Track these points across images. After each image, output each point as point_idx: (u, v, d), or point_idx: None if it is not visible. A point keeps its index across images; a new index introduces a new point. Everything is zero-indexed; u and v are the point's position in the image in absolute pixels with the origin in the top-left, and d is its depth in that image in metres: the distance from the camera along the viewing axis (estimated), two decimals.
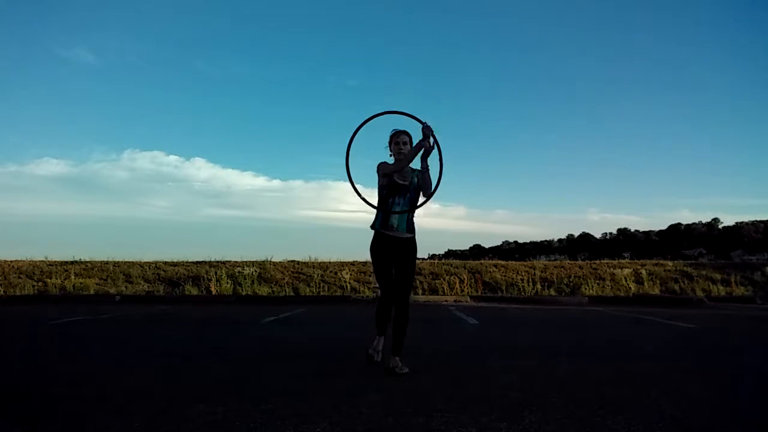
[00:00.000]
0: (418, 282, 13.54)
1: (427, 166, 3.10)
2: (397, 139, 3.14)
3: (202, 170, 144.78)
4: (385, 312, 3.21)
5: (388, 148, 3.22)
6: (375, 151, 3.30)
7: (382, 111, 3.28)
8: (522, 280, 13.18)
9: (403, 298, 3.07)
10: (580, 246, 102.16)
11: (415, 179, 3.16)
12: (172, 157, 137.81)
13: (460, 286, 12.76)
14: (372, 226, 3.15)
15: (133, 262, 15.55)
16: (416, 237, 3.21)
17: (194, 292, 12.58)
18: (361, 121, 3.25)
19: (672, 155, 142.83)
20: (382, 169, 3.18)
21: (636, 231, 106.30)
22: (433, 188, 3.16)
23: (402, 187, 3.12)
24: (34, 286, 13.38)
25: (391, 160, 3.21)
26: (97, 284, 13.47)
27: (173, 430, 1.96)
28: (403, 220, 3.10)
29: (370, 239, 3.18)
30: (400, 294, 3.07)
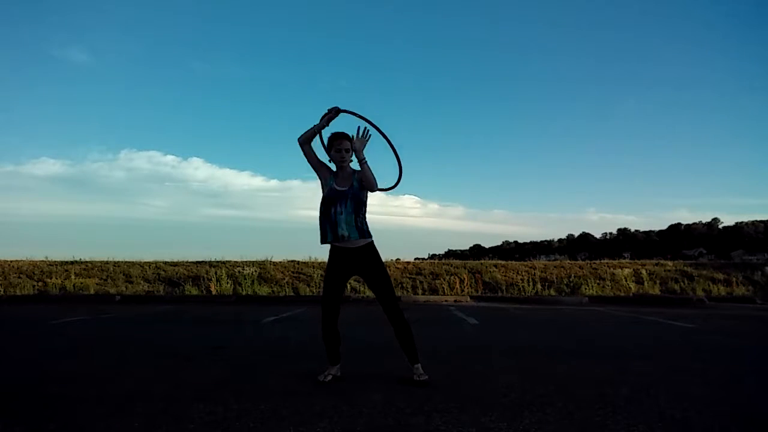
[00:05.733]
0: (418, 282, 13.54)
1: (363, 158, 2.78)
2: (339, 146, 2.84)
3: (199, 170, 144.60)
4: (329, 332, 2.86)
5: (327, 154, 2.94)
6: None
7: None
8: (522, 280, 13.20)
9: (392, 308, 2.82)
10: (580, 246, 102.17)
11: (355, 183, 2.84)
12: (170, 157, 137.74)
13: (461, 286, 12.77)
14: (322, 241, 2.85)
15: (133, 262, 15.57)
16: (375, 241, 2.91)
17: (194, 292, 12.59)
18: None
19: (672, 155, 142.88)
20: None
21: (636, 231, 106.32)
22: (396, 180, 3.02)
23: (341, 194, 2.81)
24: (34, 286, 13.39)
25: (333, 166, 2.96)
26: (97, 284, 13.48)
27: (173, 430, 1.96)
28: (353, 229, 2.78)
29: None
30: (387, 306, 2.85)
